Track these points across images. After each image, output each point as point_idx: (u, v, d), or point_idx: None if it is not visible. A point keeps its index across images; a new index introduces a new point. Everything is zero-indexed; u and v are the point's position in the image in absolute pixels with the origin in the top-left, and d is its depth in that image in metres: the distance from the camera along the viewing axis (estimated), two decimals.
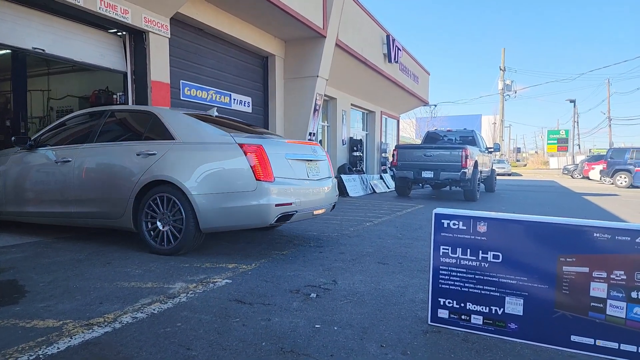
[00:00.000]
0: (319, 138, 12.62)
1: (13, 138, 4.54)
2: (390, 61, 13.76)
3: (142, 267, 3.41)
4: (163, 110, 4.16)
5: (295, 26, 8.63)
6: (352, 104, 14.40)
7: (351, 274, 3.32)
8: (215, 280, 3.07)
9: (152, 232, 3.80)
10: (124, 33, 6.47)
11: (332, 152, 12.70)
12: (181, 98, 7.40)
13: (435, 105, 37.31)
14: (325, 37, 9.41)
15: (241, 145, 3.60)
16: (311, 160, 4.21)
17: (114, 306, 2.52)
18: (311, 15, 8.68)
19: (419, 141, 28.46)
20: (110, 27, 6.29)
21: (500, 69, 24.16)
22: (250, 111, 9.32)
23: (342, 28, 10.30)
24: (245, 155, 3.57)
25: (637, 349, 1.97)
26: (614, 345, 2.00)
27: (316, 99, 9.83)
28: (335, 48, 10.18)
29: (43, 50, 5.50)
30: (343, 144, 13.35)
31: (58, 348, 1.98)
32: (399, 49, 14.23)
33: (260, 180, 3.54)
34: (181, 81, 7.41)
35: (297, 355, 1.95)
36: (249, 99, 9.22)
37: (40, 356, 1.90)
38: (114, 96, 7.37)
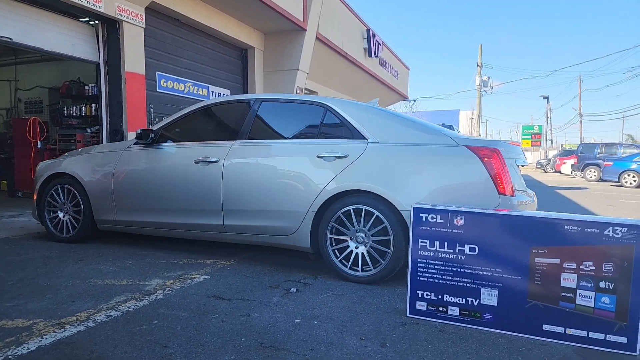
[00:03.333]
0: None
1: (139, 130, 3.68)
2: (370, 55, 13.80)
3: (116, 264, 3.33)
4: (340, 101, 3.35)
5: (274, 18, 8.53)
6: None
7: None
8: (193, 277, 3.03)
9: (339, 254, 3.03)
10: (97, 22, 6.27)
11: None
12: (157, 90, 7.23)
13: (415, 100, 37.71)
14: (306, 30, 9.35)
15: (471, 148, 2.87)
16: (523, 166, 3.49)
17: (87, 304, 2.45)
18: (291, 8, 8.60)
19: None
20: (82, 16, 6.08)
21: (478, 65, 24.61)
22: None
23: (322, 21, 10.25)
24: (482, 161, 2.82)
25: (605, 337, 2.05)
26: (583, 333, 2.08)
27: (296, 92, 9.78)
28: (316, 41, 10.13)
29: (10, 39, 5.27)
30: None
31: (28, 348, 1.91)
32: (379, 43, 14.27)
33: (504, 195, 2.79)
34: (157, 73, 7.23)
35: (276, 350, 1.94)
36: (227, 92, 9.09)
37: (10, 357, 1.83)
38: (86, 87, 7.13)
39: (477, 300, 2.27)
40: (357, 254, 2.96)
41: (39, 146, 7.00)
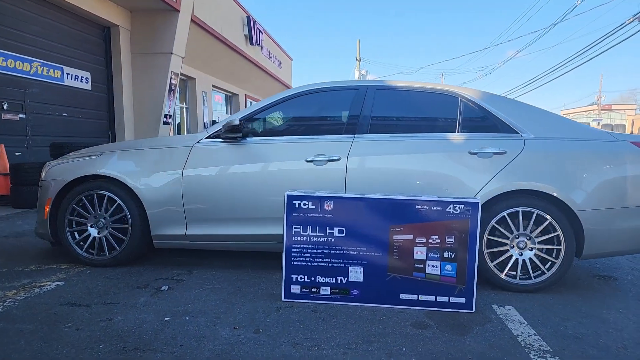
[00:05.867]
0: (177, 120, 11.85)
1: (236, 123, 2.92)
2: (252, 43, 13.60)
3: None
4: (475, 91, 3.08)
5: None
6: (213, 85, 13.85)
7: (210, 263, 3.23)
8: (42, 284, 2.64)
9: (494, 261, 2.75)
10: None
11: None
12: None
13: None
14: (179, 10, 8.75)
15: (638, 144, 2.82)
16: None
17: None
18: None
19: None
20: None
21: (356, 59, 26.07)
22: (90, 88, 8.17)
23: (198, 4, 9.72)
24: None
25: (449, 299, 2.39)
26: (432, 298, 2.40)
27: (171, 78, 9.14)
28: (192, 25, 9.58)
29: None
30: (205, 127, 12.81)
31: None
32: (260, 31, 14.14)
33: None
34: None
35: (141, 352, 1.81)
36: (87, 74, 8.05)
37: None
38: None
39: (346, 278, 2.44)
40: (518, 261, 2.74)
41: None
